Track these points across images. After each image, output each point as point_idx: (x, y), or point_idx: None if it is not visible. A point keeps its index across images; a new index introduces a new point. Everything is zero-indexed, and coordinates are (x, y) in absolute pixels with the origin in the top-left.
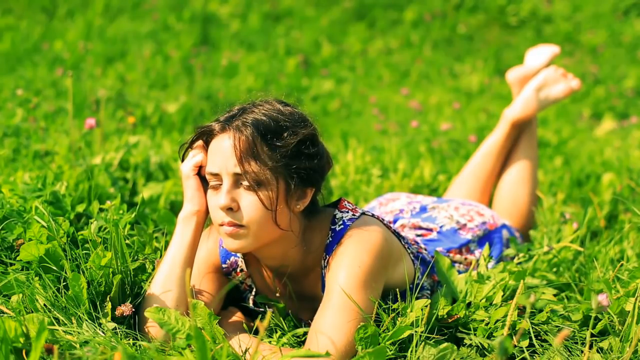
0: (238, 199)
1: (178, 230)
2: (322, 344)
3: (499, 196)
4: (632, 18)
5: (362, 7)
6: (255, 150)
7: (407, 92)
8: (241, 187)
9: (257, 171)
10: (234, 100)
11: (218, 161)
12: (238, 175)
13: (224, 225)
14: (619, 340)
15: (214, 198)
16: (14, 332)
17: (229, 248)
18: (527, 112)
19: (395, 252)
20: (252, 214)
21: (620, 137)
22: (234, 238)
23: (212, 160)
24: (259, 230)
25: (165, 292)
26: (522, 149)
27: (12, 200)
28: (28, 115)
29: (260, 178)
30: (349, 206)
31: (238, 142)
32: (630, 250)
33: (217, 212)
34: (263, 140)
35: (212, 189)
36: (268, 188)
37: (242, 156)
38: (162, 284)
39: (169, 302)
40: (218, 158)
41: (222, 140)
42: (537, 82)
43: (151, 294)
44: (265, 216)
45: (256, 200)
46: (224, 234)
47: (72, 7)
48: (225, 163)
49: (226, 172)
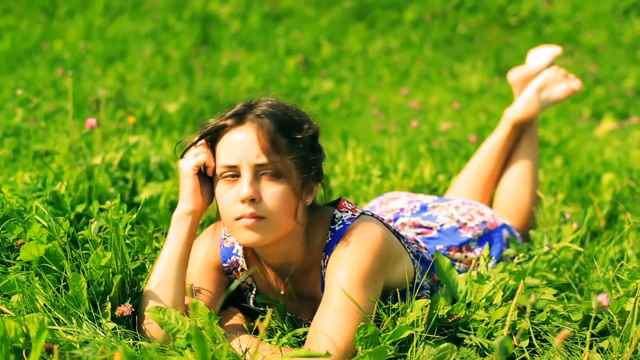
0: (259, 190)
1: (173, 230)
2: (322, 344)
3: (500, 195)
4: (632, 18)
5: (362, 7)
6: (278, 141)
7: (407, 92)
8: (262, 179)
9: (279, 162)
10: (234, 100)
11: (237, 153)
12: (259, 167)
13: (243, 218)
14: (619, 340)
15: (230, 191)
16: (14, 332)
17: (246, 242)
18: (528, 112)
19: (394, 251)
20: (275, 204)
21: (620, 137)
22: (254, 230)
23: (228, 152)
24: (278, 222)
25: (161, 293)
26: (523, 149)
27: (12, 200)
28: (28, 115)
29: (280, 169)
30: (348, 206)
31: (261, 133)
32: (630, 250)
33: (234, 205)
34: (282, 132)
35: (227, 182)
36: (288, 179)
37: (267, 146)
38: (157, 285)
39: (165, 304)
40: (236, 150)
41: (240, 133)
42: (539, 82)
43: (147, 295)
44: (286, 208)
45: (279, 191)
46: (242, 227)
47: (72, 7)
48: (246, 154)
49: (247, 163)
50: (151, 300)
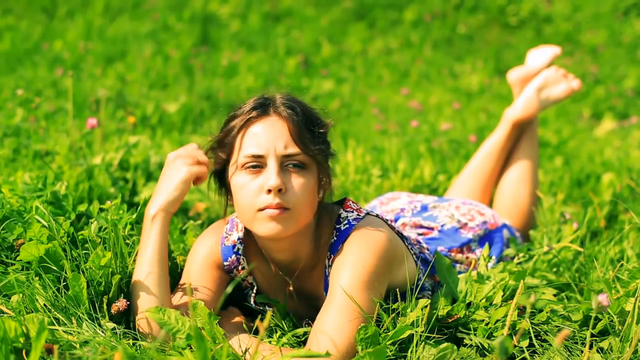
0: (286, 181)
1: (155, 228)
2: (322, 344)
3: (500, 195)
4: (632, 18)
5: (362, 7)
6: (304, 133)
7: (407, 92)
8: (287, 170)
9: (304, 154)
10: (233, 100)
11: (264, 143)
12: (286, 157)
13: (268, 209)
14: (619, 340)
15: (254, 182)
16: (14, 332)
17: (268, 233)
18: (528, 112)
19: (399, 253)
20: (300, 196)
21: (620, 137)
22: (278, 222)
23: (254, 143)
24: (302, 214)
25: (148, 293)
26: (523, 149)
27: (12, 200)
28: (28, 115)
29: (305, 161)
30: (353, 206)
31: (289, 123)
32: (630, 250)
33: (257, 196)
34: (306, 125)
35: (249, 173)
36: (311, 172)
37: (295, 137)
38: (143, 285)
39: (152, 304)
40: (263, 140)
41: (266, 123)
42: (538, 82)
43: (135, 295)
44: (309, 200)
45: (304, 182)
46: (265, 217)
47: (72, 7)
48: (274, 144)
49: (274, 153)
50: (140, 300)
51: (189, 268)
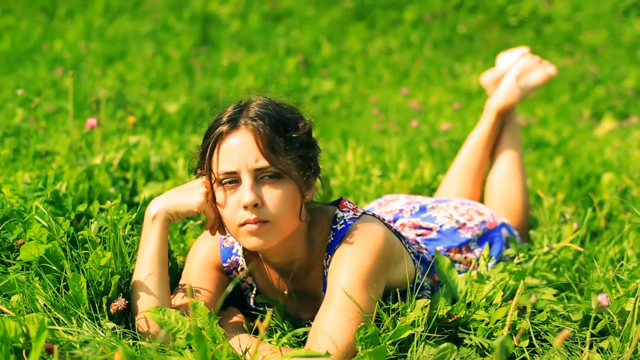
0: (261, 195)
1: (155, 228)
2: (322, 344)
3: (491, 196)
4: (632, 18)
5: (362, 7)
6: (275, 143)
7: (407, 92)
8: (262, 182)
9: (278, 163)
10: (232, 100)
11: (235, 159)
12: (259, 171)
13: (247, 224)
14: (619, 340)
15: (232, 198)
16: (14, 332)
17: (252, 247)
18: (510, 99)
19: (396, 252)
20: (278, 207)
21: (620, 137)
22: (258, 236)
23: (226, 159)
24: (283, 224)
25: (148, 294)
26: (505, 144)
27: (12, 200)
28: (28, 115)
29: (280, 170)
30: (349, 206)
31: (257, 136)
32: (630, 250)
33: (236, 211)
34: (277, 132)
35: (227, 189)
36: (289, 179)
37: (264, 149)
38: (143, 285)
39: (152, 304)
40: (235, 156)
41: (236, 138)
42: (516, 70)
43: (135, 295)
44: (289, 208)
45: (280, 193)
46: (246, 232)
47: (72, 7)
48: (245, 159)
49: (246, 168)
50: (140, 301)
51: (189, 269)
